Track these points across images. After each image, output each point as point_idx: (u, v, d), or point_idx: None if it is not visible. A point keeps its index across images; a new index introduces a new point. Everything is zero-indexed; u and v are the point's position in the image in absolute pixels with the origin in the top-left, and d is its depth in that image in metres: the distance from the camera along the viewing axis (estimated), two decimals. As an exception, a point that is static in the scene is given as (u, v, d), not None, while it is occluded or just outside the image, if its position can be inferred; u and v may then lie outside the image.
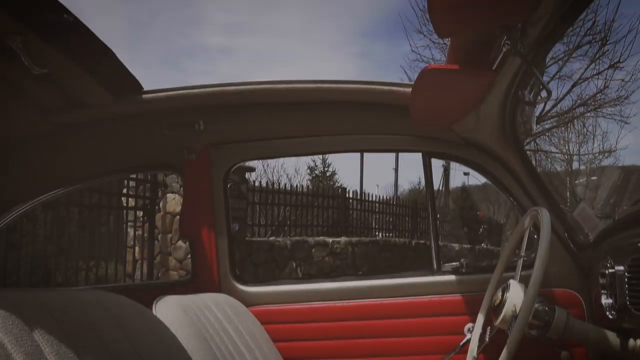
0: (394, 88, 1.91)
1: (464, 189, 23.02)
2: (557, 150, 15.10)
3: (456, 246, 12.49)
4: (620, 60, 11.09)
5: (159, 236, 6.92)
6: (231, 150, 2.06)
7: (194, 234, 2.01)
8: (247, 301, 1.98)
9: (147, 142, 2.05)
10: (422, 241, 11.91)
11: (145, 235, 6.75)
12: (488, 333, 1.64)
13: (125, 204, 6.76)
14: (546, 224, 1.39)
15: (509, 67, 1.53)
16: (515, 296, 1.47)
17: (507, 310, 1.47)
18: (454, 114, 1.81)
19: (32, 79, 1.61)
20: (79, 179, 2.09)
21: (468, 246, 12.86)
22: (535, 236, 1.68)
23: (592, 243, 1.72)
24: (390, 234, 12.88)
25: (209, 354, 1.35)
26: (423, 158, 2.01)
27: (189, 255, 2.14)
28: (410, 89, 1.78)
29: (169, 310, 1.39)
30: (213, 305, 1.66)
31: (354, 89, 1.93)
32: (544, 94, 1.48)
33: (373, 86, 1.92)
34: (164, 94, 1.92)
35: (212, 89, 1.94)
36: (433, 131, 1.96)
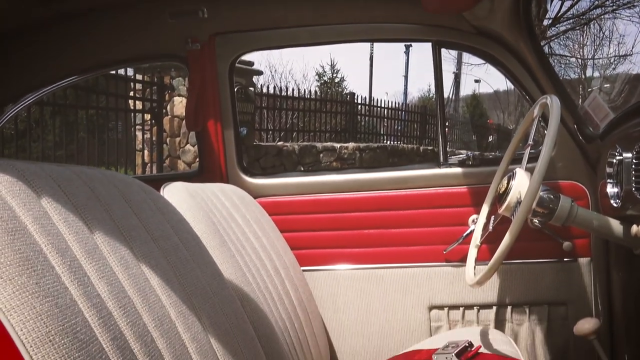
0: None
1: (475, 96, 22.78)
2: (572, 55, 14.77)
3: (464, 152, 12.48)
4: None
5: (167, 140, 6.94)
6: (236, 39, 2.01)
7: (200, 125, 2.01)
8: (254, 192, 2.01)
9: (150, 31, 2.01)
10: (430, 147, 11.92)
11: (154, 138, 6.78)
12: (492, 222, 1.66)
13: (132, 107, 6.74)
14: (555, 109, 1.37)
15: None
16: (520, 183, 1.47)
17: (511, 197, 1.47)
18: (466, 0, 1.75)
19: None
20: (82, 71, 2.06)
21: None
22: (542, 124, 1.66)
23: (601, 134, 1.70)
24: (399, 141, 12.87)
25: (216, 237, 1.38)
26: (433, 48, 1.96)
27: (198, 159, 2.15)
28: None
29: (177, 194, 1.40)
30: (220, 193, 1.67)
31: None
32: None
33: None
34: None
35: None
36: (444, 19, 1.90)
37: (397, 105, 13.26)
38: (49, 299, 0.65)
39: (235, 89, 2.12)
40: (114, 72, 6.22)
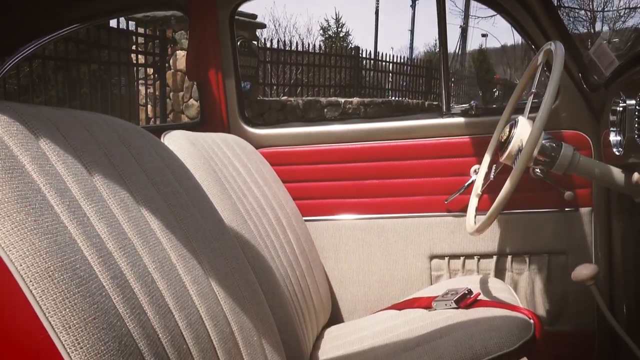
0: None
1: (482, 51, 22.49)
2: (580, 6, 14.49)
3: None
4: None
5: (171, 94, 6.91)
6: None
7: (201, 75, 1.99)
8: (256, 143, 2.00)
9: None
10: (435, 103, 11.83)
11: (157, 93, 6.74)
12: (493, 171, 1.66)
13: (135, 61, 6.68)
14: (559, 56, 1.35)
15: None
16: (522, 131, 1.46)
17: (513, 145, 1.47)
18: None
19: None
20: (80, 19, 2.03)
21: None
22: (547, 72, 1.64)
23: (606, 82, 1.68)
24: (404, 96, 12.77)
25: (217, 185, 1.38)
26: None
27: (199, 110, 2.13)
28: None
29: (177, 141, 1.40)
30: (222, 143, 1.67)
31: None
32: None
33: None
34: None
35: None
36: None
37: (402, 60, 13.12)
38: (47, 236, 0.65)
39: (238, 43, 2.10)
40: (115, 25, 6.16)
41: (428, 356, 1.31)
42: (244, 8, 5.84)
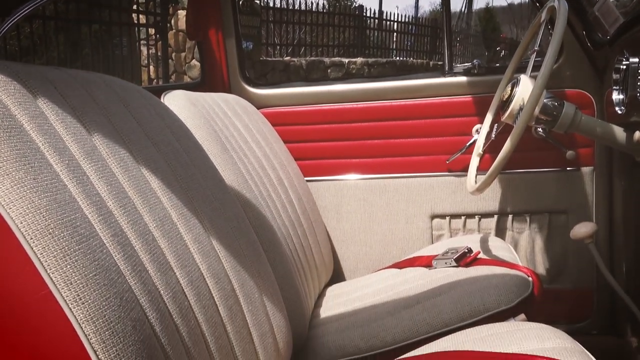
0: None
1: (488, 9, 22.15)
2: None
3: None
4: None
5: (173, 55, 6.86)
6: None
7: (202, 34, 1.97)
8: (257, 103, 2.00)
9: None
10: (440, 63, 11.71)
11: (159, 54, 6.69)
12: (495, 130, 1.65)
13: (136, 21, 6.61)
14: (562, 13, 1.33)
15: None
16: (523, 90, 1.45)
17: (514, 104, 1.46)
18: None
19: None
20: None
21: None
22: (550, 30, 1.62)
23: (610, 39, 1.66)
24: (409, 56, 12.64)
25: (218, 144, 1.38)
26: None
27: (200, 69, 2.12)
28: None
29: (177, 101, 1.40)
30: (222, 103, 1.67)
31: None
32: None
33: None
34: None
35: None
36: None
37: (407, 19, 12.94)
38: (47, 194, 0.66)
39: (239, 1, 2.07)
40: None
41: (427, 313, 1.33)
42: (246, -34, 5.75)
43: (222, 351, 0.92)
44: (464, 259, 1.56)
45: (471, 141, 1.88)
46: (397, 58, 12.01)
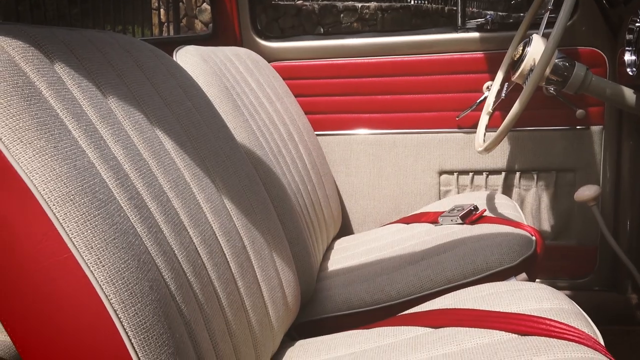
0: None
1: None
2: None
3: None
4: None
5: (184, -2, 6.77)
6: None
7: None
8: (269, 56, 2.00)
9: None
10: (455, 7, 11.48)
11: (170, -3, 6.61)
12: (505, 89, 1.65)
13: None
14: None
15: None
16: (535, 50, 1.45)
17: (525, 64, 1.46)
18: None
19: None
20: None
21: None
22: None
23: (626, -2, 1.64)
24: (423, 1, 12.37)
25: (229, 102, 1.40)
26: None
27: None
28: None
29: (189, 58, 1.41)
30: (234, 57, 1.67)
31: None
32: None
33: None
34: None
35: None
36: None
37: (422, -38, 12.60)
38: (67, 161, 0.69)
39: None
40: None
41: (432, 270, 1.38)
42: None
43: (233, 306, 0.96)
44: (470, 216, 1.59)
45: (481, 98, 1.89)
46: (412, 2, 11.77)
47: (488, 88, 1.89)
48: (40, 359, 0.66)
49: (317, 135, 2.01)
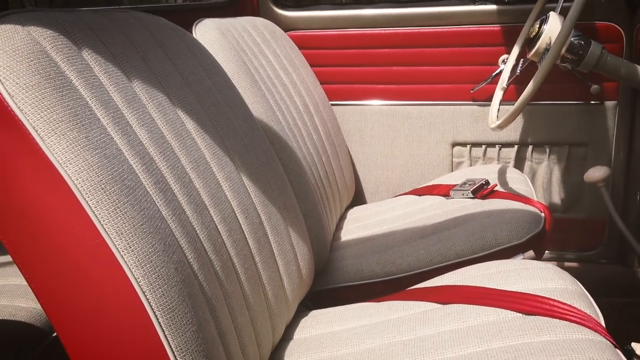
0: None
1: None
2: None
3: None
4: None
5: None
6: None
7: None
8: (285, 25, 2.01)
9: None
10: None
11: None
12: (520, 65, 1.66)
13: None
14: None
15: None
16: (552, 28, 1.46)
17: (541, 42, 1.47)
18: None
19: None
20: None
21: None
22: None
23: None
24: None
25: (247, 77, 1.43)
26: None
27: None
28: None
29: (208, 33, 1.43)
30: (251, 28, 1.69)
31: None
32: None
33: None
34: None
35: None
36: None
37: None
38: (98, 150, 0.73)
39: None
40: None
41: (442, 244, 1.42)
42: None
43: (250, 281, 1.01)
44: (481, 191, 1.62)
45: (497, 71, 1.89)
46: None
47: (504, 61, 1.89)
48: (75, 335, 0.72)
49: (332, 105, 2.03)
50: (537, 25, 1.50)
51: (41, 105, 0.70)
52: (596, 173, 1.39)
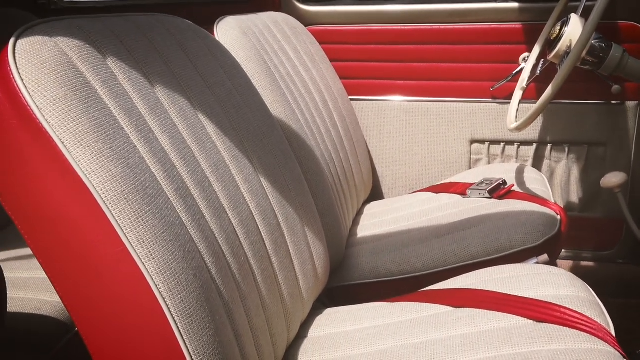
0: None
1: None
2: None
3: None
4: None
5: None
6: None
7: None
8: (306, 20, 2.02)
9: None
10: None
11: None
12: (540, 66, 1.66)
13: None
14: None
15: None
16: (572, 31, 1.45)
17: (561, 45, 1.46)
18: None
19: None
20: None
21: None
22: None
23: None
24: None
25: (268, 77, 1.44)
26: None
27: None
28: None
29: (229, 32, 1.45)
30: (272, 25, 1.70)
31: None
32: None
33: None
34: None
35: None
36: None
37: None
38: (121, 160, 0.75)
39: None
40: None
41: (457, 245, 1.43)
42: None
43: (267, 281, 1.04)
44: (498, 191, 1.63)
45: (517, 69, 1.88)
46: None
47: (525, 59, 1.89)
48: (97, 336, 0.75)
49: (351, 99, 2.04)
50: (558, 27, 1.50)
51: (67, 118, 0.72)
52: (613, 179, 1.39)
